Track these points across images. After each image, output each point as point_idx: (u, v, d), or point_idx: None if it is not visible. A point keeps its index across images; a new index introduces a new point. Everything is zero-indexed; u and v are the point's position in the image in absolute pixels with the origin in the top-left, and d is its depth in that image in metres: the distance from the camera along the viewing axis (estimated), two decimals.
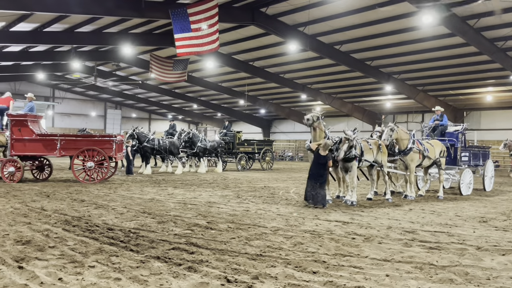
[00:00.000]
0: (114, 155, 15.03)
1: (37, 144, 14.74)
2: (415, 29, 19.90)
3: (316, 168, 10.27)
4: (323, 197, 10.15)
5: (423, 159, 12.40)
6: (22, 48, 27.38)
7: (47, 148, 14.80)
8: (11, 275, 4.62)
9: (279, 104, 41.22)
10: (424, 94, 30.07)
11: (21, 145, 14.67)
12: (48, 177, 15.87)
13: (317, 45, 22.79)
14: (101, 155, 14.87)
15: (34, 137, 14.69)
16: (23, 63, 31.99)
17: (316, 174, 10.18)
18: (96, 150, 14.81)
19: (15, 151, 14.63)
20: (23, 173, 14.57)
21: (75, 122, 47.41)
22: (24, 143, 14.69)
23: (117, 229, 7.15)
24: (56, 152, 14.82)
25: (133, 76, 35.98)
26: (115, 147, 14.96)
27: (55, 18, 21.29)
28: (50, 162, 16.29)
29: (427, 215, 9.34)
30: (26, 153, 14.81)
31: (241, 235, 6.79)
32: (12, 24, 21.50)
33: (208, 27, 17.72)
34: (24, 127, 14.67)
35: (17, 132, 14.63)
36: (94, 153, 14.84)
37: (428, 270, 5.14)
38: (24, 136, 14.66)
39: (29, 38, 23.27)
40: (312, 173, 10.26)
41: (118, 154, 15.40)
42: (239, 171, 23.45)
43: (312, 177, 10.21)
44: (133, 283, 4.48)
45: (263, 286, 4.45)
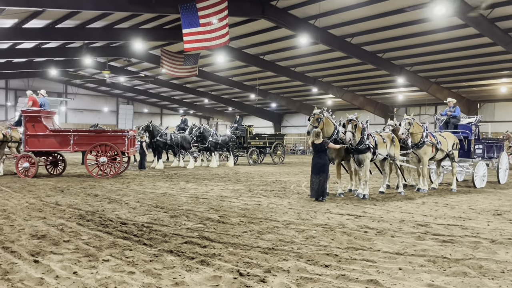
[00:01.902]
0: (126, 150, 15.14)
1: (51, 140, 14.91)
2: (427, 21, 19.64)
3: (316, 158, 10.29)
4: (323, 190, 10.13)
5: (436, 152, 12.28)
6: (34, 45, 27.68)
7: (61, 144, 14.97)
8: (27, 269, 4.70)
9: (290, 97, 41.11)
10: (437, 86, 29.73)
11: (35, 141, 14.84)
12: (62, 172, 16.08)
13: (328, 37, 22.64)
14: (113, 150, 15.00)
15: (48, 132, 14.85)
16: (36, 60, 32.37)
17: (317, 164, 10.19)
18: (109, 145, 14.94)
19: (29, 147, 14.82)
20: (37, 169, 14.76)
21: (87, 117, 47.87)
22: (38, 139, 14.86)
23: (130, 223, 7.22)
24: (70, 148, 15.00)
25: (145, 72, 36.15)
26: (127, 142, 15.07)
27: (66, 15, 21.46)
28: (64, 157, 16.49)
29: (440, 208, 9.27)
30: (40, 149, 14.98)
31: (253, 229, 6.81)
32: (24, 21, 21.73)
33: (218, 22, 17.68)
34: (37, 123, 14.85)
35: (31, 128, 14.80)
36: (107, 148, 14.98)
37: (442, 263, 5.10)
38: (38, 132, 14.84)
39: (41, 35, 23.54)
40: (313, 164, 10.29)
41: (130, 149, 15.52)
42: (251, 165, 23.48)
43: (314, 169, 10.22)
44: (147, 277, 4.53)
45: (275, 280, 4.46)
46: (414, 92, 33.30)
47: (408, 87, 31.85)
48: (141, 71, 36.19)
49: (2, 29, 22.34)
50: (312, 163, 10.39)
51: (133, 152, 16.49)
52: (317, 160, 10.24)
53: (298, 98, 41.31)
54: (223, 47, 23.71)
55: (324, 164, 10.19)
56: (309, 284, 4.36)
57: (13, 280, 4.34)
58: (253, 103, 45.39)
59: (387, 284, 4.35)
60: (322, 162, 10.18)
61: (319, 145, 10.21)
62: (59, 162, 16.29)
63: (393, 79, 29.54)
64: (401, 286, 4.32)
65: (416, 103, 36.50)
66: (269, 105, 45.11)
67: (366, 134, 10.61)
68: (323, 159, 10.22)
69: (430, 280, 4.52)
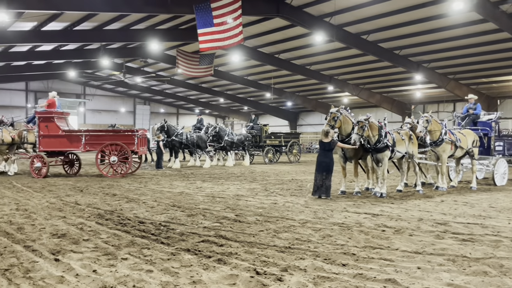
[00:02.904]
0: (136, 149, 15.29)
1: (63, 140, 15.20)
2: (445, 16, 19.32)
3: (322, 156, 10.30)
4: (327, 188, 10.13)
5: (455, 149, 12.10)
6: (53, 47, 28.15)
7: (73, 144, 15.26)
8: (47, 267, 4.78)
9: (305, 96, 40.96)
10: (455, 83, 29.24)
11: (48, 141, 15.18)
12: (77, 172, 16.36)
13: (343, 35, 22.46)
14: (124, 150, 15.16)
15: (60, 133, 15.14)
16: (55, 62, 32.92)
17: (322, 162, 10.19)
18: (119, 144, 15.10)
19: (43, 147, 15.18)
20: (48, 168, 15.07)
21: (105, 118, 48.48)
22: (51, 139, 15.17)
23: (148, 222, 7.30)
24: (81, 148, 15.27)
25: (161, 72, 36.43)
26: (137, 141, 15.22)
27: (84, 17, 21.77)
28: (79, 157, 16.77)
29: (460, 206, 9.13)
30: (53, 149, 15.31)
31: (270, 228, 6.81)
32: (43, 24, 22.11)
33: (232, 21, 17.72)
34: (50, 124, 15.18)
35: (44, 129, 15.14)
36: (117, 148, 15.14)
37: (461, 262, 5.03)
38: (50, 133, 15.15)
39: (60, 37, 23.91)
40: (319, 162, 10.28)
41: (140, 148, 15.66)
42: (266, 164, 23.47)
43: (318, 167, 10.21)
44: (165, 275, 4.57)
45: (292, 279, 4.46)
46: (432, 89, 32.81)
47: (426, 84, 31.40)
48: (157, 71, 36.50)
49: (22, 32, 22.77)
50: (318, 161, 10.37)
51: (143, 152, 16.57)
52: (323, 159, 10.25)
53: (313, 96, 41.13)
54: (238, 46, 23.74)
55: (329, 163, 10.20)
56: (326, 283, 4.34)
57: (35, 278, 4.43)
58: (268, 102, 45.35)
59: (406, 283, 4.31)
60: (328, 161, 10.20)
61: (327, 144, 10.26)
62: (74, 162, 16.57)
63: (410, 76, 29.17)
64: (420, 286, 4.27)
65: (434, 100, 35.96)
66: (285, 103, 45.00)
67: (384, 133, 10.50)
68: (328, 158, 10.23)
69: (449, 279, 4.46)
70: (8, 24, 21.43)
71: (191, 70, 26.91)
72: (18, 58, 29.43)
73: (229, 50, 25.70)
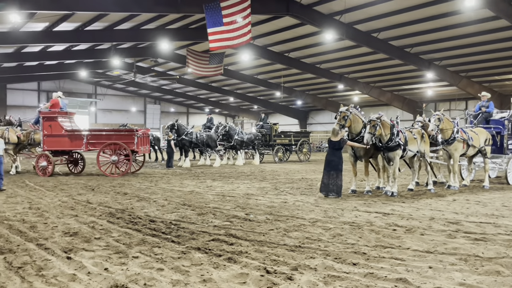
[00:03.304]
0: (136, 148, 15.42)
1: (66, 140, 15.42)
2: (456, 13, 19.12)
3: (330, 155, 10.33)
4: (338, 187, 10.13)
5: (467, 148, 11.97)
6: (65, 47, 28.41)
7: (75, 143, 15.47)
8: (60, 265, 4.84)
9: (315, 95, 40.83)
10: (467, 81, 28.93)
11: (52, 140, 15.42)
12: (82, 171, 16.61)
13: (354, 33, 22.34)
14: (123, 149, 15.29)
15: (63, 133, 15.37)
16: (66, 62, 33.22)
17: (331, 161, 10.23)
18: (119, 144, 15.24)
19: (47, 147, 15.42)
20: (53, 167, 15.29)
21: (116, 117, 48.81)
22: (54, 139, 15.42)
23: (158, 221, 7.34)
24: (83, 147, 15.47)
25: (171, 71, 36.58)
26: (136, 141, 15.34)
27: (95, 17, 21.94)
28: (83, 156, 16.98)
29: (472, 205, 9.03)
30: (56, 148, 15.56)
31: (280, 227, 6.81)
32: (55, 24, 22.32)
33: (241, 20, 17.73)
34: (54, 123, 15.42)
35: (48, 129, 15.39)
36: (117, 147, 15.28)
37: (474, 262, 4.98)
38: (54, 132, 15.39)
39: (71, 37, 24.15)
40: (327, 161, 10.33)
41: (141, 148, 15.77)
42: (276, 163, 23.45)
43: (327, 166, 10.26)
44: (175, 273, 4.59)
45: (302, 277, 4.45)
46: (444, 87, 32.49)
47: (437, 82, 31.11)
48: (167, 71, 36.66)
49: (34, 33, 23.02)
50: (326, 159, 10.42)
51: (144, 151, 16.61)
52: (332, 158, 10.29)
53: (324, 95, 40.99)
54: (247, 45, 23.76)
55: (338, 162, 10.23)
56: (336, 282, 4.33)
57: (47, 276, 4.48)
58: (278, 101, 45.29)
59: (417, 283, 4.28)
60: (337, 160, 10.23)
61: (336, 142, 10.27)
62: (79, 161, 16.83)
63: (421, 74, 28.91)
64: (432, 285, 4.23)
65: (446, 98, 35.61)
66: (295, 102, 44.91)
67: (396, 131, 10.42)
68: (337, 157, 10.26)
69: (461, 279, 4.42)
70: (20, 24, 21.68)
71: (201, 69, 26.97)
72: (30, 58, 29.77)
73: (238, 49, 25.71)
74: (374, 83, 33.98)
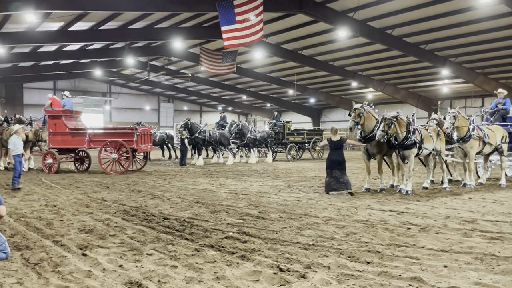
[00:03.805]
0: (136, 146, 15.62)
1: (70, 138, 15.87)
2: (472, 9, 18.83)
3: (333, 154, 10.49)
4: (347, 182, 10.26)
5: (483, 146, 11.80)
6: (80, 47, 28.73)
7: (78, 141, 15.89)
8: (76, 262, 4.90)
9: (329, 92, 40.62)
10: (483, 77, 28.50)
11: (56, 139, 15.88)
12: (87, 168, 16.93)
13: (367, 30, 22.15)
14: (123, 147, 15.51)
15: (67, 131, 15.77)
16: (81, 61, 33.59)
17: (335, 160, 10.36)
18: (119, 142, 15.45)
19: (52, 145, 15.88)
20: (59, 165, 15.71)
21: (130, 116, 49.20)
22: (59, 137, 15.87)
23: (172, 218, 7.39)
24: (86, 145, 15.81)
25: (184, 70, 36.74)
26: (136, 139, 15.51)
27: (109, 16, 22.13)
28: (89, 154, 17.25)
29: (488, 204, 8.90)
30: (61, 146, 15.98)
31: (293, 225, 6.80)
32: (70, 24, 22.59)
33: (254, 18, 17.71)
34: (59, 122, 15.85)
35: (53, 127, 15.86)
36: (117, 145, 15.52)
37: (490, 261, 4.91)
38: (58, 131, 15.82)
39: (86, 37, 24.40)
40: (331, 161, 10.44)
41: (141, 146, 15.95)
42: (289, 161, 23.42)
43: (331, 165, 10.37)
44: (189, 271, 4.62)
45: (315, 276, 4.44)
46: (459, 84, 32.07)
47: (453, 79, 30.71)
48: (181, 69, 36.82)
49: (49, 32, 23.32)
50: (329, 159, 10.53)
51: (145, 149, 16.75)
52: (335, 157, 10.43)
53: (337, 92, 40.76)
54: (260, 43, 23.71)
55: (341, 161, 10.38)
56: (350, 281, 4.31)
57: (63, 273, 4.54)
58: (291, 99, 45.17)
59: (432, 282, 4.24)
60: (340, 159, 10.39)
61: (337, 142, 10.48)
62: (85, 159, 17.12)
63: (436, 71, 28.56)
64: (447, 284, 4.19)
65: (462, 96, 35.13)
66: (308, 100, 44.74)
67: (412, 129, 10.31)
68: (340, 156, 10.43)
69: (477, 278, 4.36)
70: (36, 24, 21.99)
71: (214, 68, 27.02)
72: (46, 57, 30.17)
73: (251, 47, 25.69)
74: (388, 80, 33.68)
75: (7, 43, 23.43)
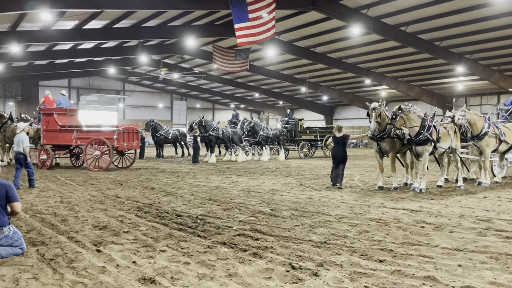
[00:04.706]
0: (117, 144, 15.92)
1: (59, 135, 16.52)
2: (487, 5, 18.54)
3: (336, 150, 11.38)
4: (338, 175, 11.15)
5: (499, 143, 11.63)
6: (94, 45, 29.00)
7: (66, 139, 16.49)
8: (90, 258, 4.96)
9: (341, 90, 40.40)
10: (499, 74, 28.04)
11: (49, 136, 16.56)
12: (82, 165, 17.44)
13: (381, 27, 21.95)
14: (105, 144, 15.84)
15: (58, 128, 16.38)
16: (96, 59, 33.91)
17: (336, 156, 11.22)
18: (102, 140, 15.80)
19: (45, 141, 16.58)
20: (52, 161, 16.45)
21: (144, 113, 49.60)
22: (51, 134, 16.53)
23: (185, 215, 7.43)
24: (73, 142, 16.34)
25: (197, 68, 36.85)
26: (116, 137, 15.81)
27: (122, 15, 22.28)
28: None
29: (504, 202, 8.77)
30: (52, 143, 16.63)
31: (305, 223, 6.79)
32: (84, 23, 22.80)
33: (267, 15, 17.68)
34: (51, 120, 16.51)
35: (46, 124, 16.58)
36: (101, 142, 15.89)
37: (505, 260, 4.85)
38: (50, 128, 16.49)
39: (100, 35, 24.63)
40: (333, 156, 11.43)
41: (123, 144, 16.15)
42: (302, 158, 23.36)
43: (333, 160, 11.33)
44: (201, 267, 4.64)
45: (328, 274, 4.43)
46: (475, 81, 31.62)
47: (468, 76, 30.30)
48: (193, 67, 36.94)
49: (64, 31, 23.58)
50: (332, 154, 11.55)
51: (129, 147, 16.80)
52: (336, 152, 11.29)
53: (350, 90, 40.51)
54: (273, 41, 23.68)
55: (342, 156, 11.19)
56: (363, 279, 4.29)
57: (78, 268, 4.60)
58: (303, 96, 45.03)
59: (446, 281, 4.19)
60: (341, 154, 11.20)
61: (340, 138, 11.27)
62: (80, 155, 17.54)
63: (451, 68, 28.21)
64: (461, 283, 4.14)
65: (477, 93, 34.66)
66: (320, 98, 44.54)
67: (427, 125, 10.18)
68: (342, 152, 11.25)
69: (492, 277, 4.31)
70: (51, 23, 22.24)
71: (227, 65, 27.05)
72: (61, 56, 30.51)
73: (264, 45, 25.66)
74: (402, 77, 33.36)
75: (23, 42, 23.73)
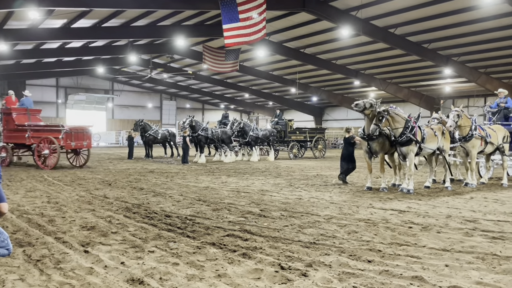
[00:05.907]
0: (63, 143, 16.11)
1: (15, 134, 16.91)
2: (475, 8, 18.78)
3: (344, 149, 12.70)
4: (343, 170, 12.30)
5: (485, 145, 11.78)
6: (82, 44, 28.76)
7: (20, 138, 16.80)
8: (77, 259, 4.92)
9: (331, 91, 40.58)
10: (486, 77, 28.41)
11: (7, 134, 17.04)
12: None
13: (370, 29, 22.11)
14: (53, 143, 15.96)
15: (14, 128, 16.75)
16: (84, 58, 33.61)
17: (344, 154, 12.45)
18: (50, 139, 15.97)
19: (5, 140, 17.03)
20: (11, 158, 17.21)
21: (133, 113, 49.28)
22: (9, 133, 16.99)
23: (174, 216, 7.40)
24: (26, 141, 16.60)
25: (187, 68, 36.73)
26: (62, 136, 16.00)
27: (112, 14, 22.14)
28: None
29: (490, 203, 8.89)
30: (10, 141, 17.05)
31: (294, 223, 6.81)
32: (73, 21, 22.60)
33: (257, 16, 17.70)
34: (10, 119, 16.90)
35: (5, 124, 17.01)
36: (48, 141, 16.02)
37: (491, 260, 4.91)
38: (9, 127, 16.92)
39: (89, 34, 24.42)
40: (341, 154, 12.61)
41: (70, 143, 16.32)
42: (291, 159, 23.42)
43: (342, 158, 12.50)
44: (190, 268, 4.63)
45: (317, 274, 4.45)
46: (462, 83, 32.00)
47: (455, 78, 30.65)
48: (183, 67, 36.82)
49: (52, 29, 23.35)
50: (341, 153, 12.75)
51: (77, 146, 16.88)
52: (344, 151, 12.61)
53: (339, 91, 40.71)
54: (263, 41, 23.69)
55: (349, 155, 12.37)
56: (351, 279, 4.31)
57: (65, 269, 4.56)
58: (293, 97, 45.15)
59: (433, 281, 4.24)
60: (347, 153, 12.41)
61: (345, 138, 12.55)
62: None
63: (439, 70, 28.51)
64: (448, 283, 4.19)
65: (464, 95, 35.06)
66: (310, 98, 44.71)
67: (410, 126, 10.29)
68: (349, 151, 12.45)
69: (478, 277, 4.36)
70: (39, 21, 22.00)
71: (217, 66, 27.02)
72: (48, 54, 30.17)
73: (254, 45, 25.68)
74: (391, 79, 33.64)
75: (10, 40, 23.43)
